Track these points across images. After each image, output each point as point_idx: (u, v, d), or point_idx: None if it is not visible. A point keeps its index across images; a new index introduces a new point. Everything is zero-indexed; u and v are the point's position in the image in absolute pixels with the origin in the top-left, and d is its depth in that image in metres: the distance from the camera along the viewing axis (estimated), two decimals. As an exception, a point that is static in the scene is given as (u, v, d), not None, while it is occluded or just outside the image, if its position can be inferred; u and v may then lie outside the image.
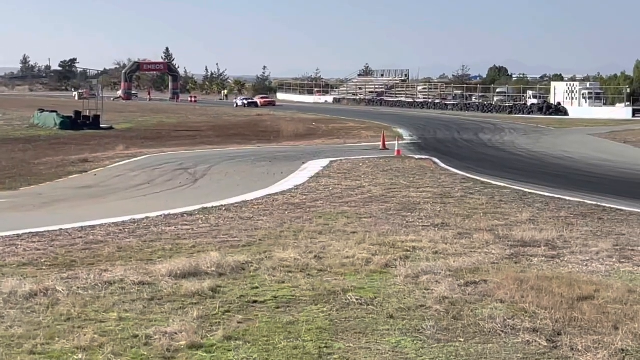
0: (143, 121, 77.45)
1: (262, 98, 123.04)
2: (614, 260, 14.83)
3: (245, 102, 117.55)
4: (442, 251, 15.37)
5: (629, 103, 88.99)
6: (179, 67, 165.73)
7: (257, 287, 12.55)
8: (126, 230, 17.63)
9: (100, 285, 12.50)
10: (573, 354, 9.49)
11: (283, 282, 12.86)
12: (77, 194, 26.69)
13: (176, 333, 10.05)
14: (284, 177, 29.28)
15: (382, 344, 9.87)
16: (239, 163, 35.69)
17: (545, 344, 9.82)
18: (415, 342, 9.92)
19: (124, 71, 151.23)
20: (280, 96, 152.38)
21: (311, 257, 14.61)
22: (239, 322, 10.66)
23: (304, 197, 23.29)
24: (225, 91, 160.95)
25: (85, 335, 9.91)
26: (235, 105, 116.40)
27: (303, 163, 34.10)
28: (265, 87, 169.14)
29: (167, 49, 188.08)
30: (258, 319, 10.85)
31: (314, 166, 32.49)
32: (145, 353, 9.47)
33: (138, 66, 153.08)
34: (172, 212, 20.23)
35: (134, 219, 18.96)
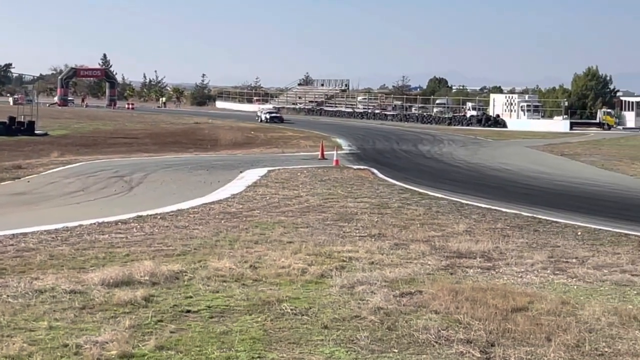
0: (79, 128, 76.60)
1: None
2: (549, 272, 14.96)
3: (268, 116, 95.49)
4: (378, 262, 15.36)
5: (566, 116, 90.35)
6: (116, 74, 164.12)
7: (191, 297, 12.42)
8: (59, 238, 17.35)
9: (30, 293, 12.27)
10: (506, 366, 9.50)
11: (217, 292, 12.74)
12: (9, 201, 26.22)
13: (107, 342, 9.89)
14: (221, 185, 29.11)
15: (316, 354, 9.80)
16: (176, 171, 35.41)
17: (479, 355, 9.83)
18: (349, 352, 9.87)
19: (60, 77, 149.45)
20: (219, 104, 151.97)
21: (246, 267, 14.51)
22: (171, 332, 10.53)
23: (241, 206, 23.17)
24: (164, 98, 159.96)
25: (14, 344, 9.70)
26: (259, 120, 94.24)
27: (240, 172, 33.95)
28: (204, 95, 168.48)
29: (105, 55, 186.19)
30: (191, 328, 10.73)
31: (252, 175, 32.36)
32: (75, 363, 9.31)
33: (75, 72, 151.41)
34: (106, 220, 19.97)
35: (67, 227, 18.67)
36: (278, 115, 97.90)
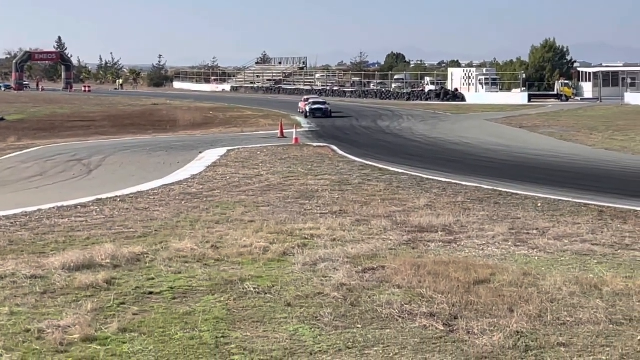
0: (35, 112, 75.82)
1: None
2: (510, 244, 15.05)
3: (308, 109, 64.12)
4: (340, 238, 15.38)
5: (524, 88, 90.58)
6: (72, 57, 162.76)
7: (153, 278, 12.37)
8: (18, 223, 17.20)
9: (-10, 280, 12.17)
10: (469, 337, 9.56)
11: (179, 273, 12.71)
12: (-34, 187, 25.92)
13: (70, 326, 9.85)
14: (181, 166, 28.98)
15: (280, 332, 9.81)
16: (135, 153, 35.20)
17: (442, 328, 9.88)
18: (313, 329, 9.88)
19: (15, 61, 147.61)
20: (177, 85, 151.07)
21: (208, 247, 14.48)
22: (134, 314, 10.49)
23: (201, 186, 23.08)
24: (120, 80, 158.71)
25: (-26, 331, 9.61)
26: (303, 113, 64.94)
27: (200, 152, 33.81)
28: (161, 76, 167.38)
29: (60, 38, 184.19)
30: (154, 310, 10.69)
31: (211, 155, 32.24)
32: (38, 347, 9.23)
33: (29, 56, 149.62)
34: (65, 204, 19.81)
35: (26, 212, 18.52)
36: (323, 107, 64.65)
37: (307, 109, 64.35)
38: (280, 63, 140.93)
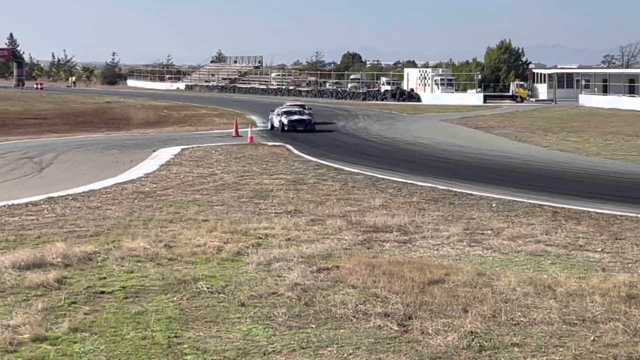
0: (-14, 109, 74.80)
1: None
2: (464, 244, 15.10)
3: (286, 121, 45.92)
4: (295, 238, 15.33)
5: (480, 89, 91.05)
6: (23, 53, 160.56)
7: (104, 278, 12.25)
8: (-33, 221, 16.95)
9: (-63, 279, 11.96)
10: (423, 337, 9.55)
11: (132, 272, 12.59)
12: None
13: (19, 326, 9.72)
14: (134, 165, 28.73)
15: (233, 331, 9.74)
16: (87, 151, 34.83)
17: (397, 328, 9.86)
18: (266, 329, 9.82)
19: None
20: (131, 83, 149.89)
21: (161, 246, 14.37)
22: (85, 314, 10.37)
23: (154, 185, 22.89)
24: (73, 78, 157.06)
25: None
26: (271, 128, 47.36)
27: (154, 151, 33.54)
28: (115, 73, 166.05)
29: (11, 34, 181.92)
30: (106, 309, 10.58)
31: (165, 154, 32.01)
32: (-14, 348, 9.08)
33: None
34: (16, 202, 19.57)
35: (-24, 210, 18.25)
36: (303, 117, 46.83)
37: (280, 121, 45.35)
38: (235, 62, 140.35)
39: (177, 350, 9.13)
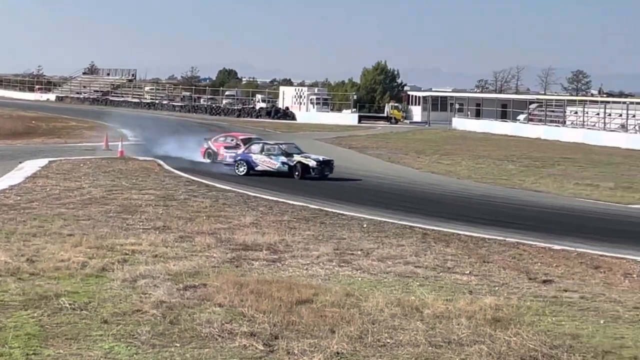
0: None
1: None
2: (334, 264, 15.09)
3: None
4: (162, 254, 15.09)
5: (355, 109, 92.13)
6: None
7: (-39, 293, 11.76)
8: None
9: None
10: (289, 358, 9.47)
11: (-10, 287, 12.12)
12: None
13: None
14: (-1, 176, 27.87)
15: (95, 349, 9.47)
16: (-50, 161, 33.62)
17: (262, 348, 9.74)
18: (129, 347, 9.57)
19: None
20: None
21: (23, 261, 13.93)
22: (-63, 331, 9.89)
23: (19, 197, 22.23)
24: None
25: None
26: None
27: (20, 162, 32.61)
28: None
29: None
30: (-40, 326, 10.13)
31: (32, 166, 31.16)
32: None
33: None
34: None
35: None
36: (328, 159, 34.25)
37: (305, 162, 32.69)
38: (108, 74, 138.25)
39: (35, 368, 8.81)
